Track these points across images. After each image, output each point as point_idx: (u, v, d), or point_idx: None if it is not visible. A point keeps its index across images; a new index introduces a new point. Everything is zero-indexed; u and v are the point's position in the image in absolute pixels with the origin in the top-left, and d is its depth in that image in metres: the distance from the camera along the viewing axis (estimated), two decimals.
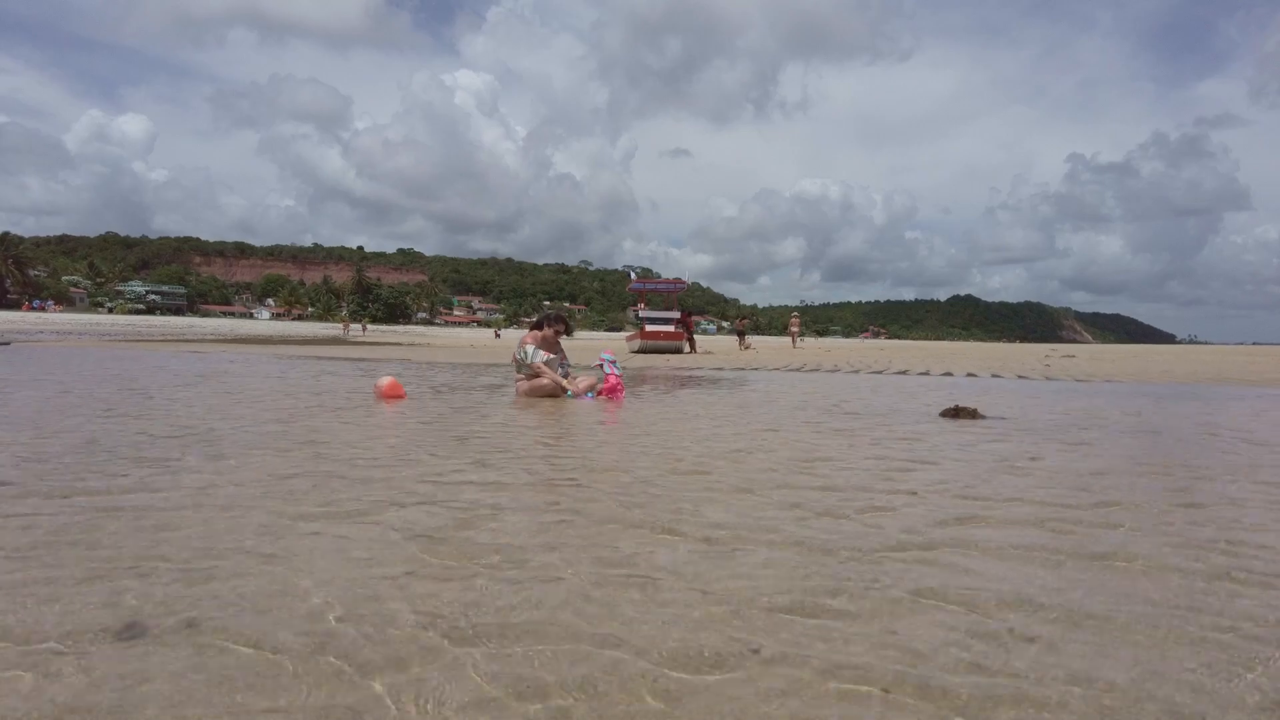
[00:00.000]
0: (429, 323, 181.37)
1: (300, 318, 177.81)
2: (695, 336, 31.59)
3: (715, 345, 39.53)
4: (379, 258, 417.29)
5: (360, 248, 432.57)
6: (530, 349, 8.21)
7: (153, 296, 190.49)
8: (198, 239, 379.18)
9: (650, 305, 31.33)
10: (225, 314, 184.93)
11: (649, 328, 28.82)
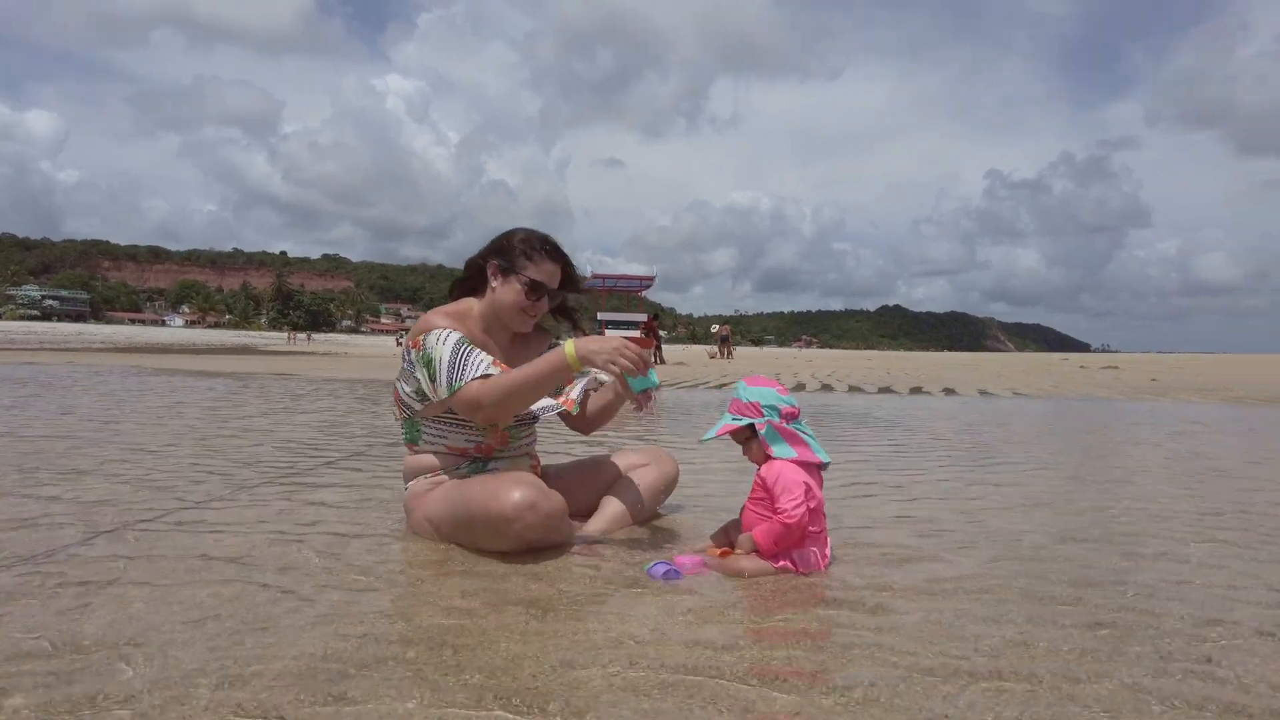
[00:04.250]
0: (355, 330, 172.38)
1: (216, 325, 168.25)
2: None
3: (682, 355, 34.86)
4: (303, 264, 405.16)
5: (283, 253, 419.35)
6: (473, 358, 2.39)
7: (50, 302, 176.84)
8: (107, 242, 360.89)
9: (606, 304, 25.96)
10: (134, 321, 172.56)
11: (609, 333, 23.11)
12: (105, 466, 3.71)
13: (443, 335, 2.37)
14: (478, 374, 2.31)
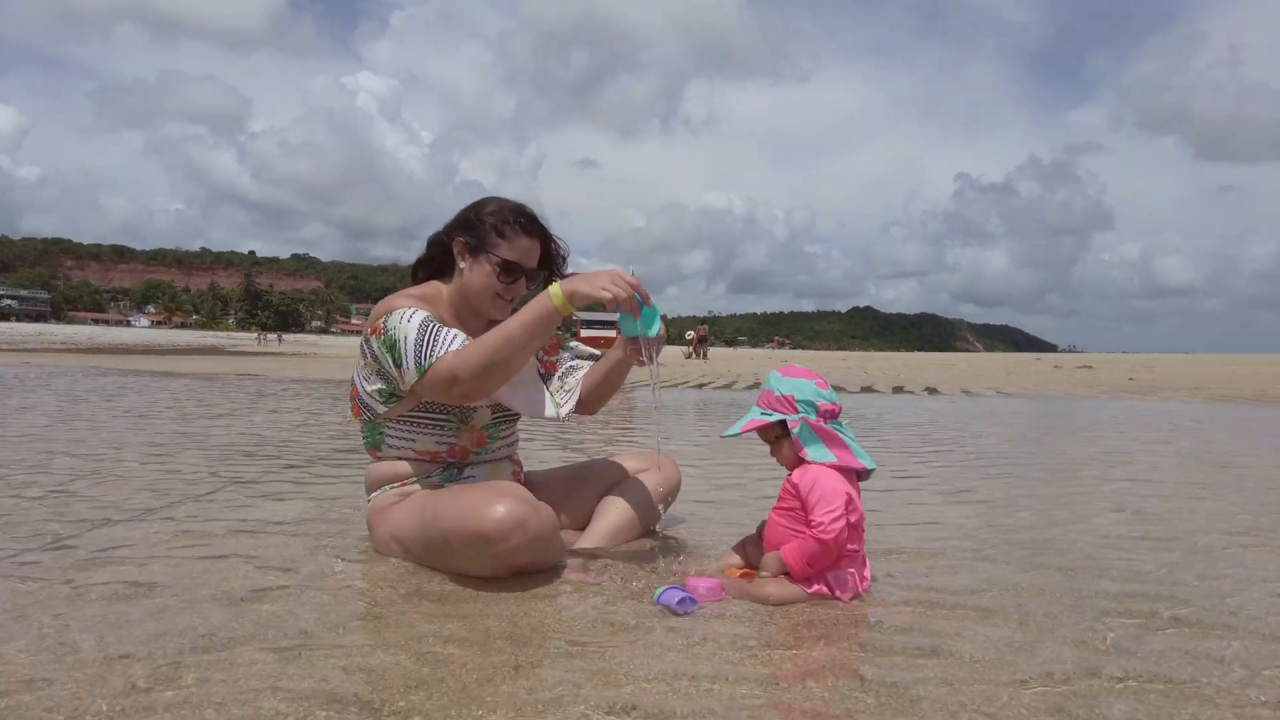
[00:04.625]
0: (324, 331, 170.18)
1: (183, 325, 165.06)
2: None
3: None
4: (272, 263, 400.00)
5: (252, 253, 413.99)
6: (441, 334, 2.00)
7: (8, 301, 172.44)
8: (69, 241, 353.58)
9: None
10: (97, 321, 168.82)
11: (585, 333, 22.74)
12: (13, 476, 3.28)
13: (406, 314, 2.01)
14: (449, 349, 1.93)
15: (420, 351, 1.94)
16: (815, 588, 1.85)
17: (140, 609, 1.69)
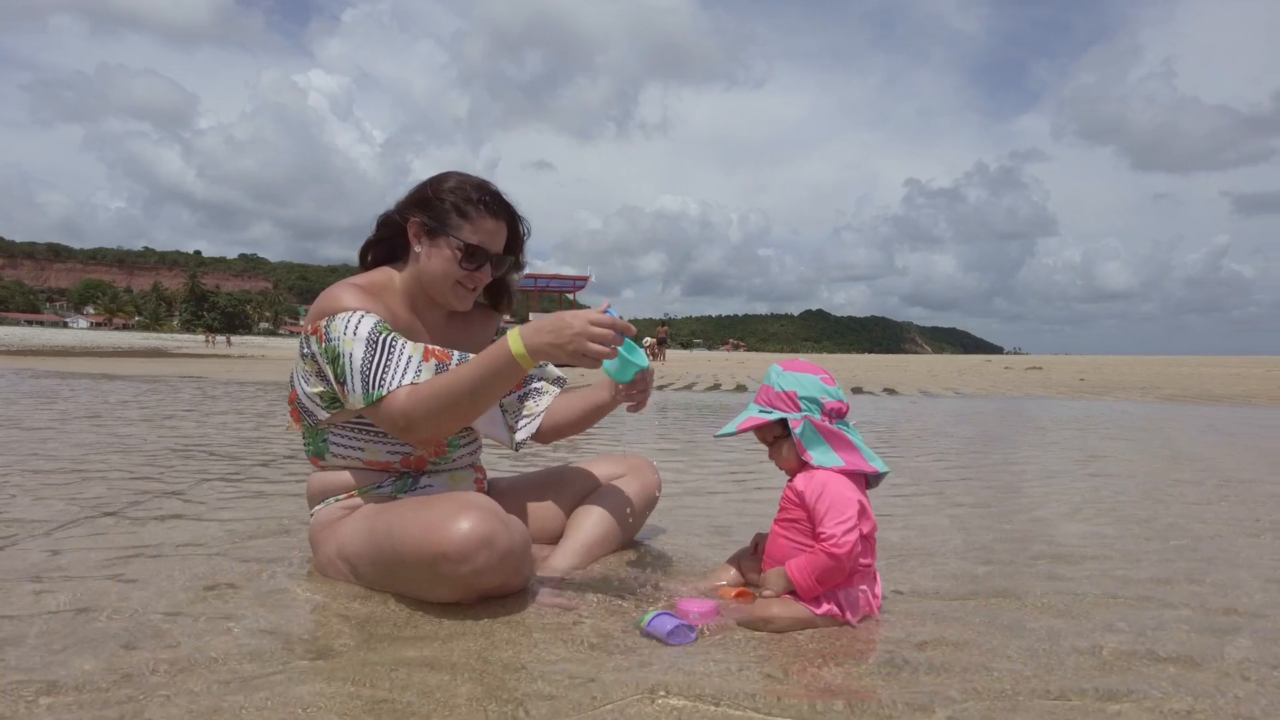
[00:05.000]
0: (272, 333, 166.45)
1: (125, 327, 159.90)
2: None
3: None
4: (218, 263, 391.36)
5: (198, 252, 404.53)
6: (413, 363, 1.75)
7: None
8: (1, 239, 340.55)
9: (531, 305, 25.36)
10: (31, 322, 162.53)
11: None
12: None
13: (352, 321, 1.74)
14: (404, 378, 1.69)
15: (369, 376, 1.69)
16: (825, 608, 1.63)
17: (8, 657, 1.40)
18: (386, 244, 1.96)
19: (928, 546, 2.35)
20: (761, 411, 1.74)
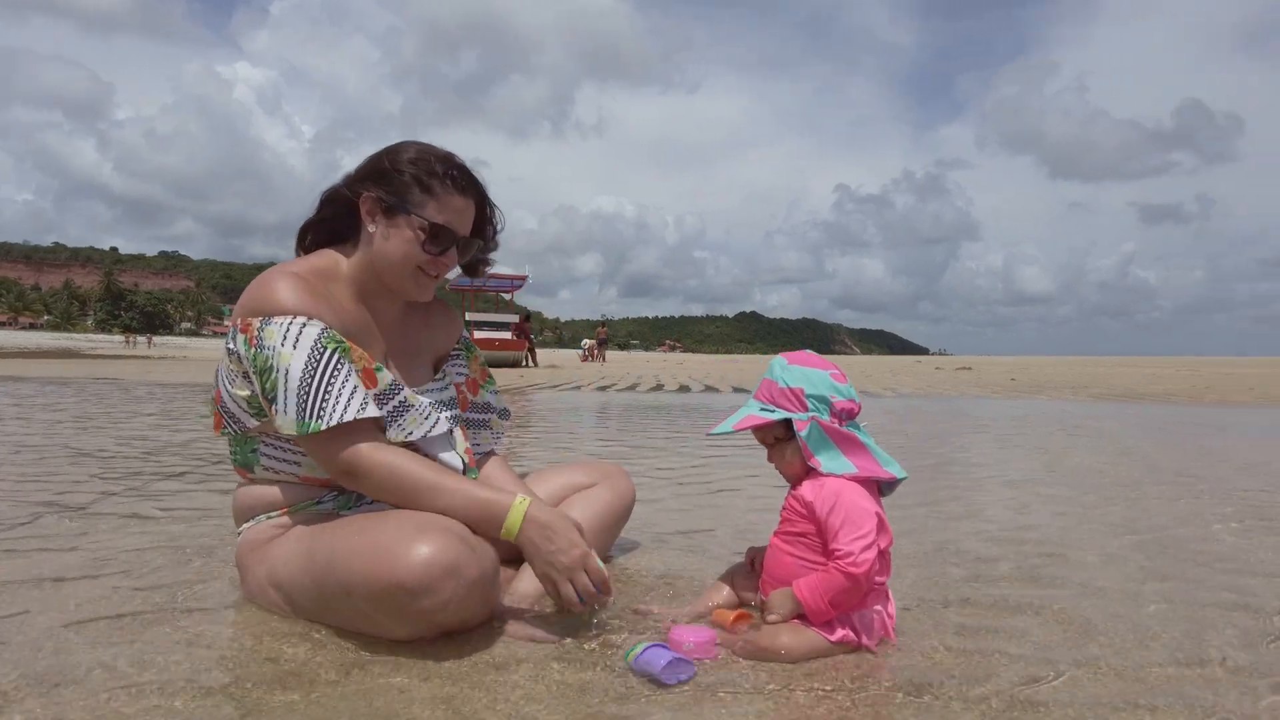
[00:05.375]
0: (195, 333, 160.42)
1: (33, 327, 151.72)
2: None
3: (552, 358, 33.88)
4: (137, 261, 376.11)
5: (114, 249, 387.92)
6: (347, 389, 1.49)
7: None
8: None
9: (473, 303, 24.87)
10: None
11: (478, 334, 21.97)
12: None
13: (291, 330, 1.49)
14: (347, 411, 1.46)
15: (306, 403, 1.45)
16: (840, 634, 1.44)
17: None
18: (330, 224, 1.70)
19: (917, 555, 2.18)
20: (763, 409, 1.54)
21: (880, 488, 1.56)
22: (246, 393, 1.55)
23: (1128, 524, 2.63)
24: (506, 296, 27.13)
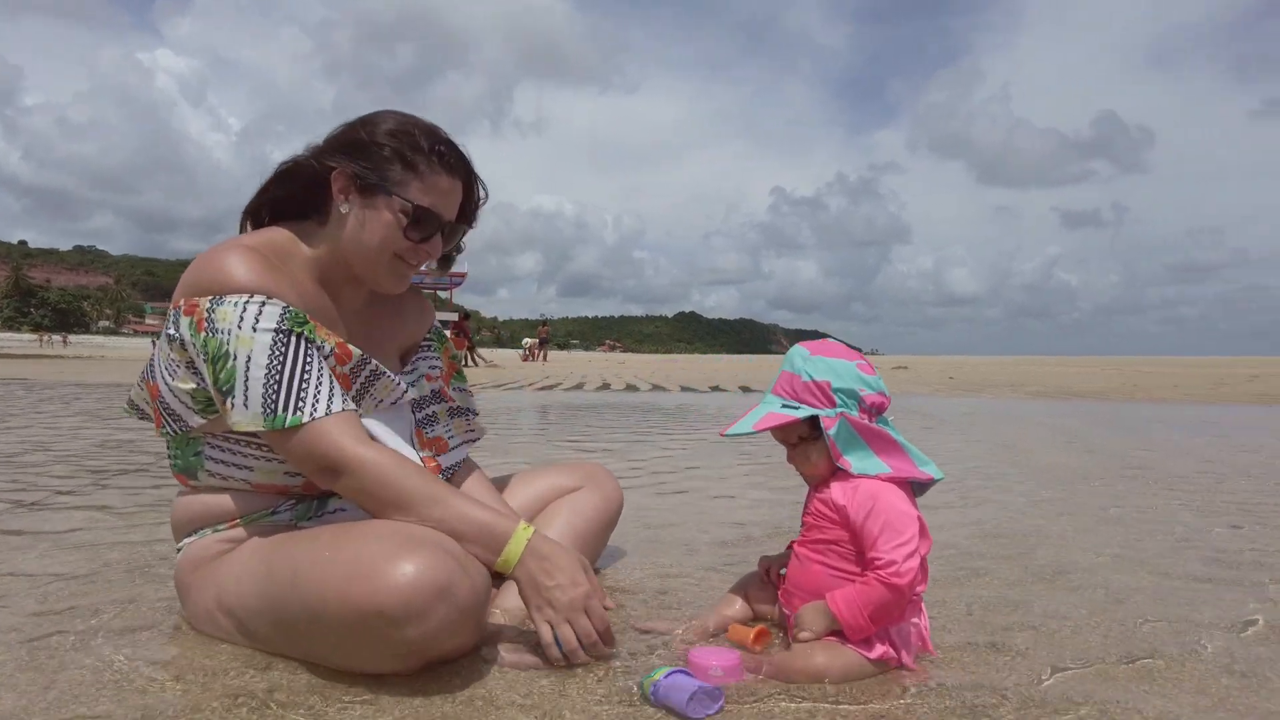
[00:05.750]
0: (114, 332, 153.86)
1: None
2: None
3: (492, 357, 33.38)
4: (49, 256, 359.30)
5: (23, 243, 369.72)
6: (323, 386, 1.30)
7: None
8: None
9: None
10: None
11: None
12: None
13: (250, 310, 1.28)
14: (329, 404, 1.27)
15: (275, 394, 1.25)
16: (880, 651, 1.29)
17: None
18: (285, 202, 1.48)
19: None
20: (785, 406, 1.37)
21: (912, 489, 1.41)
22: (191, 385, 1.32)
23: (1114, 518, 2.56)
24: (444, 294, 26.60)
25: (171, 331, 1.33)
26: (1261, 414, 8.31)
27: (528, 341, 34.45)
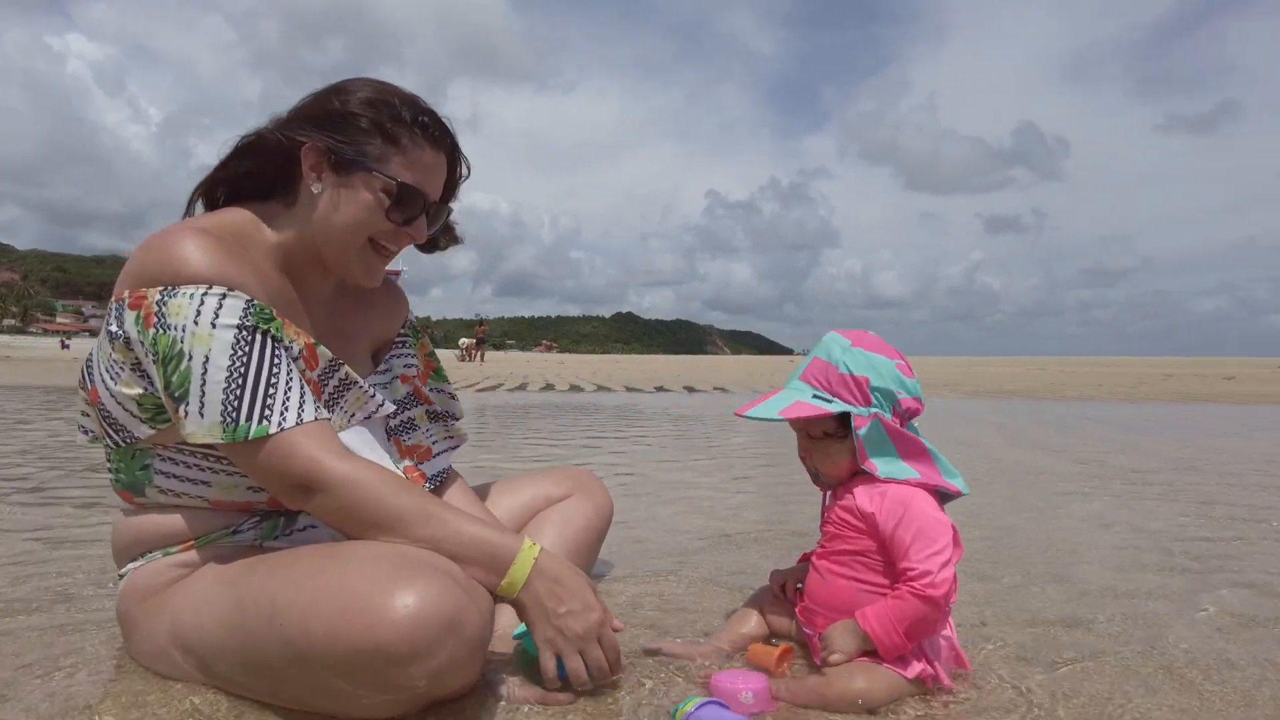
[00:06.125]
0: (20, 330, 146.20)
1: None
2: None
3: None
4: None
5: None
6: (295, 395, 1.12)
7: None
8: None
9: None
10: None
11: None
12: None
13: (208, 304, 1.10)
14: (301, 413, 1.12)
15: (241, 399, 1.08)
16: (918, 669, 1.19)
17: None
18: (242, 182, 1.30)
19: None
20: (816, 397, 1.27)
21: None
22: (137, 391, 1.14)
23: (1105, 519, 2.54)
24: None
25: (114, 328, 1.14)
26: (1186, 411, 8.63)
27: (464, 342, 33.81)
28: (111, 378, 1.16)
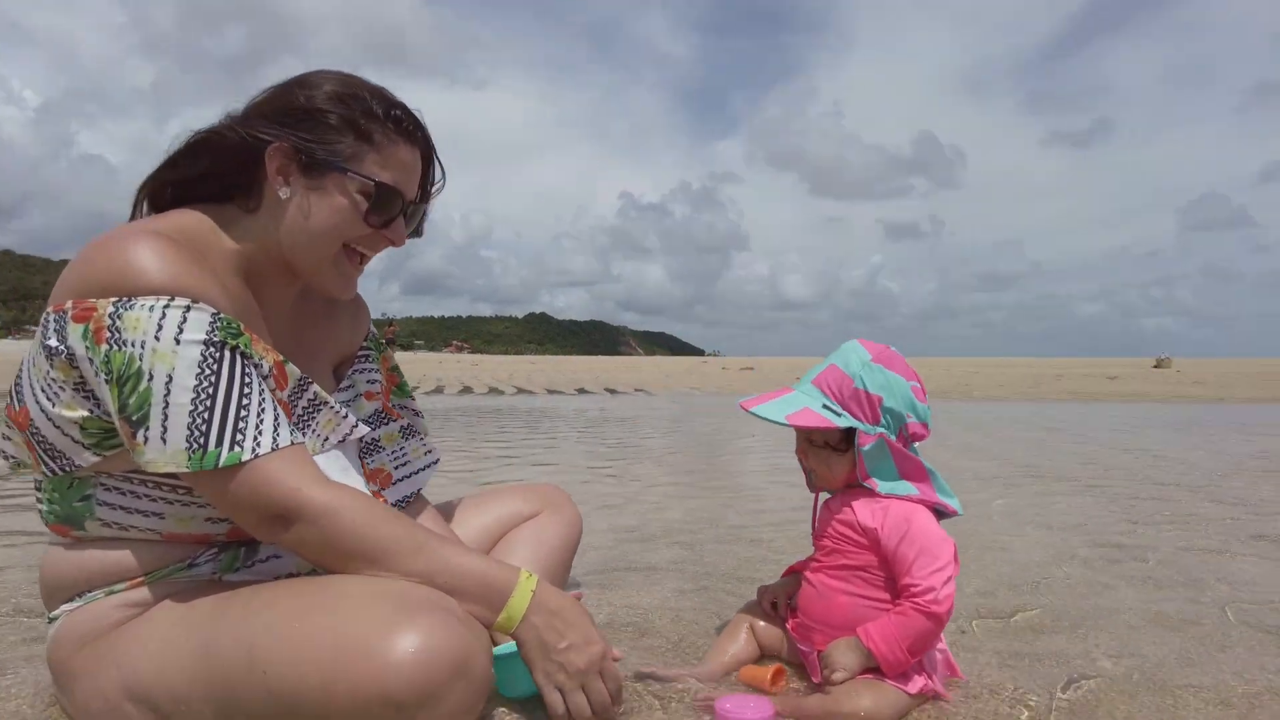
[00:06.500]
0: None
1: None
2: None
3: None
4: None
5: None
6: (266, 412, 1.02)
7: None
8: None
9: None
10: None
11: None
12: None
13: (171, 316, 0.98)
14: (275, 437, 1.02)
15: (204, 424, 0.97)
16: (920, 684, 1.18)
17: None
18: (196, 183, 1.17)
19: None
20: (826, 407, 1.23)
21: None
22: (81, 413, 1.01)
23: (1074, 526, 2.62)
24: None
25: (53, 342, 1.01)
26: (1083, 410, 9.12)
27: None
28: (49, 399, 1.02)
